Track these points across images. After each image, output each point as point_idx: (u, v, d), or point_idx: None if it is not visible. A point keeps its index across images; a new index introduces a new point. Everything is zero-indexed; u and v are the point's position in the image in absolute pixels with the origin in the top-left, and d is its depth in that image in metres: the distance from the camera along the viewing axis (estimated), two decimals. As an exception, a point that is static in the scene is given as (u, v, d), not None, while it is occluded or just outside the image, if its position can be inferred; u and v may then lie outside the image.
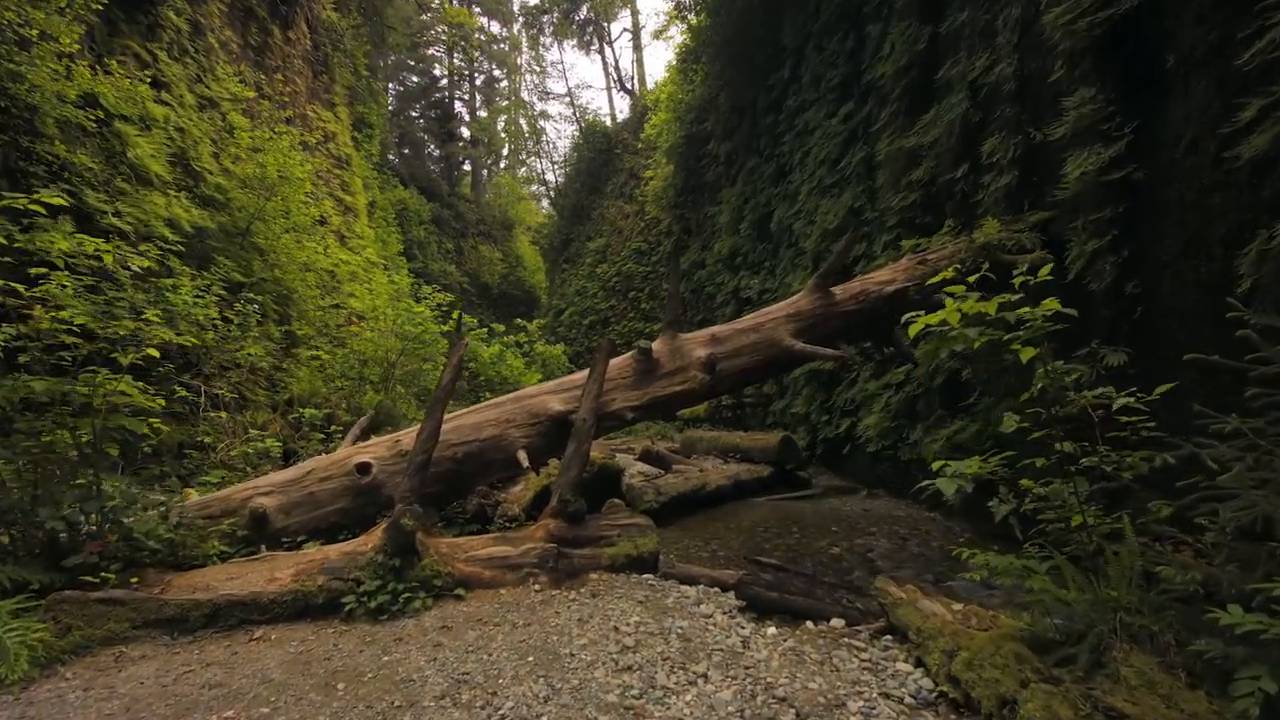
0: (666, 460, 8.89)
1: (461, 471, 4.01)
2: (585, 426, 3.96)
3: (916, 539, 5.63)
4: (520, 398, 4.37)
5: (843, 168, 10.02)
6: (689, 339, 4.61)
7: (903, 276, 4.83)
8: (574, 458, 3.91)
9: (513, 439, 4.11)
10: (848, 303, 4.73)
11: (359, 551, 3.30)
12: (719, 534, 5.97)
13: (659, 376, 4.42)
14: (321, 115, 15.90)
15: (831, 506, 7.25)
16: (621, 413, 4.22)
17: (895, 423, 7.60)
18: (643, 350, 4.33)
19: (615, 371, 4.43)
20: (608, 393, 4.27)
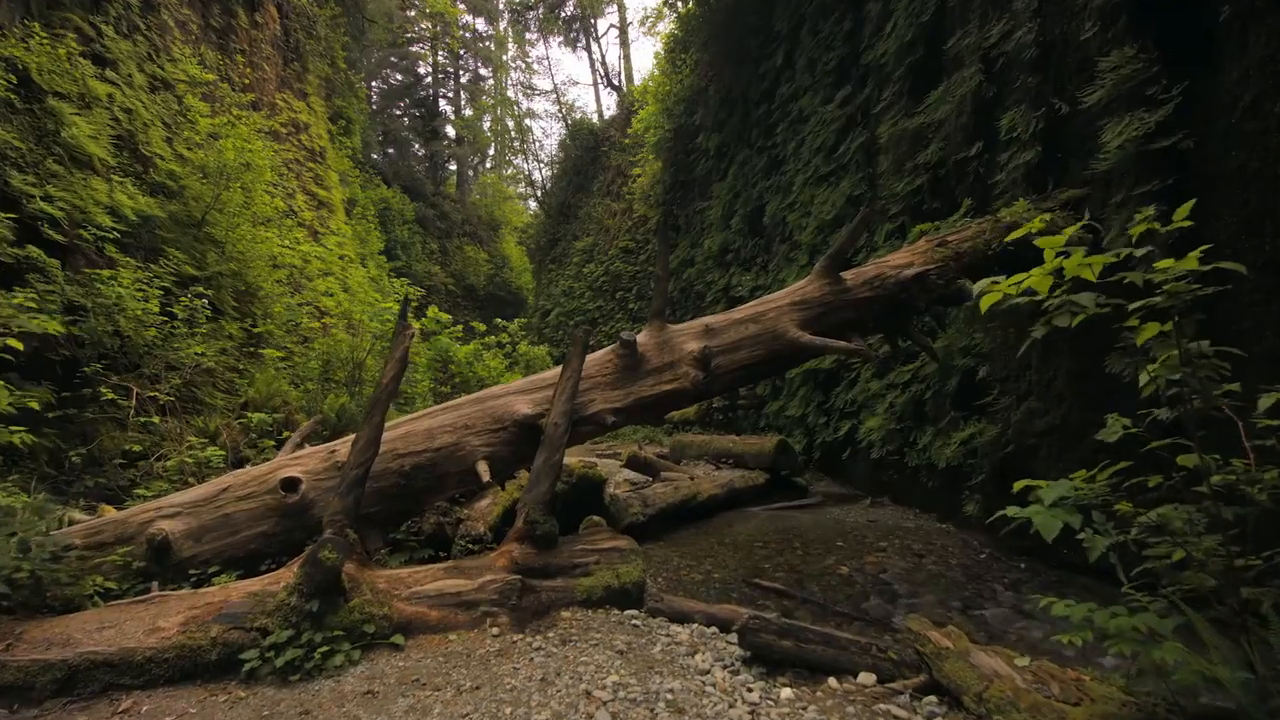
0: (655, 467, 8.27)
1: (410, 487, 3.37)
2: (557, 433, 3.35)
3: (933, 556, 5.04)
4: (481, 399, 3.73)
5: (840, 155, 9.47)
6: (679, 330, 4.01)
7: (921, 260, 4.26)
8: (543, 470, 3.29)
9: (472, 448, 3.47)
10: (860, 289, 4.15)
11: (269, 591, 2.64)
12: (713, 551, 5.35)
13: (645, 374, 3.81)
14: (293, 104, 15.17)
15: (834, 517, 6.66)
16: (601, 416, 3.61)
17: (900, 425, 7.03)
18: (625, 343, 3.73)
19: (593, 368, 3.81)
20: (585, 392, 3.65)
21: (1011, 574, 4.61)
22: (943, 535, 5.73)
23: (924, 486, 6.63)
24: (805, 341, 3.84)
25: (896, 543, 5.44)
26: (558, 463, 3.30)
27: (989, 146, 6.10)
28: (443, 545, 4.16)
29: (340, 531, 2.85)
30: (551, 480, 3.26)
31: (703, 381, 3.73)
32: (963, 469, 5.91)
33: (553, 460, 3.29)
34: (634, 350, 3.79)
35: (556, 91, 58.98)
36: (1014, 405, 5.46)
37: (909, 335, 4.62)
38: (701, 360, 3.71)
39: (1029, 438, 5.21)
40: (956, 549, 5.25)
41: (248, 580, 2.81)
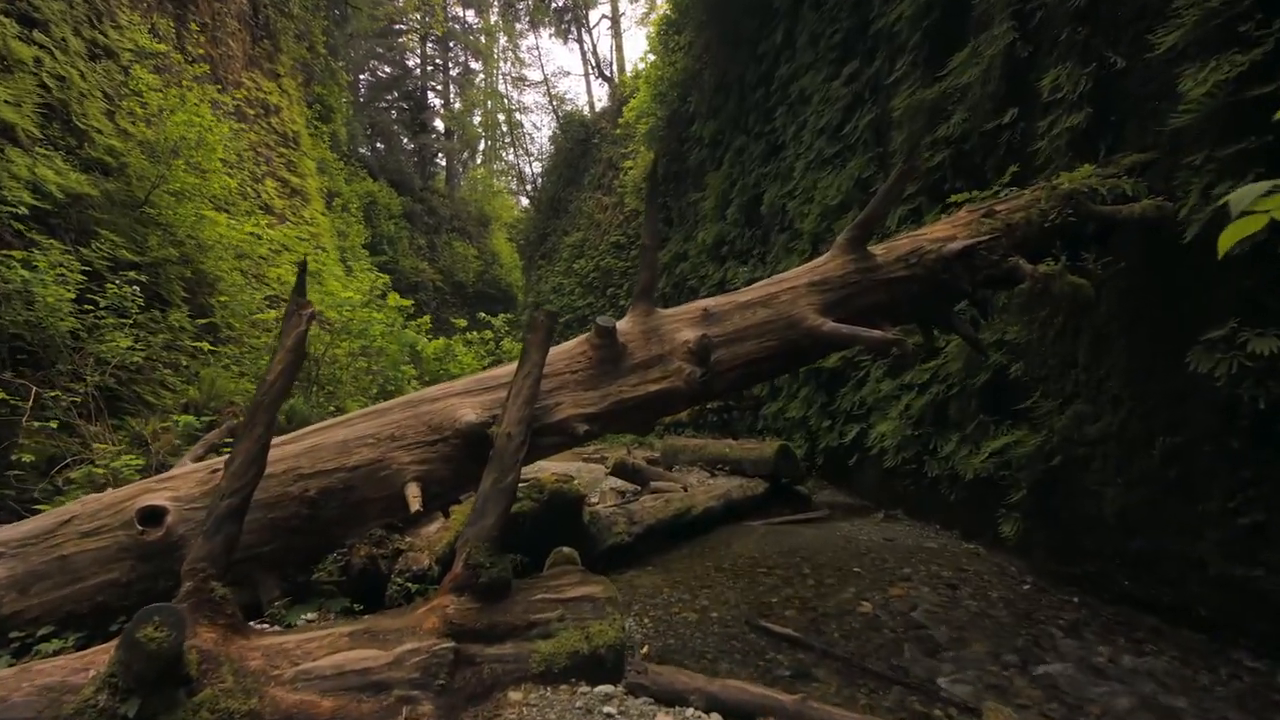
0: (644, 474, 7.50)
1: (317, 519, 2.56)
2: (510, 446, 2.56)
3: (967, 587, 4.28)
4: (414, 402, 2.92)
5: (847, 134, 8.72)
6: (671, 316, 3.21)
7: (965, 233, 3.50)
8: (492, 496, 2.50)
9: (399, 466, 2.67)
10: (893, 267, 3.38)
11: (70, 684, 1.85)
12: (709, 578, 4.58)
13: (627, 370, 3.02)
14: (262, 85, 14.29)
15: (844, 534, 5.90)
16: (569, 424, 2.82)
17: (918, 431, 6.27)
18: (602, 330, 2.93)
19: (561, 363, 3.01)
20: (549, 394, 2.86)
21: (1066, 612, 3.86)
22: (972, 559, 4.98)
23: (945, 500, 5.88)
24: (827, 330, 3.06)
25: (921, 569, 4.68)
26: (511, 486, 2.51)
27: (1025, 113, 5.35)
28: (376, 587, 3.36)
29: (198, 589, 2.06)
30: (503, 509, 2.48)
31: (700, 379, 2.94)
32: (994, 482, 5.16)
33: (505, 483, 2.50)
34: (613, 340, 3.01)
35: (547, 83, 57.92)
36: (1057, 409, 4.71)
37: (950, 325, 3.86)
38: (698, 353, 2.93)
39: (1078, 447, 4.46)
40: (993, 578, 4.49)
41: (46, 662, 2.00)
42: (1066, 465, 4.49)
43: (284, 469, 2.62)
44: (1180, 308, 3.84)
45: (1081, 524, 4.38)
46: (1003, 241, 3.49)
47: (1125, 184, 3.57)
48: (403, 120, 41.70)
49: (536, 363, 2.72)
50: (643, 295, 3.21)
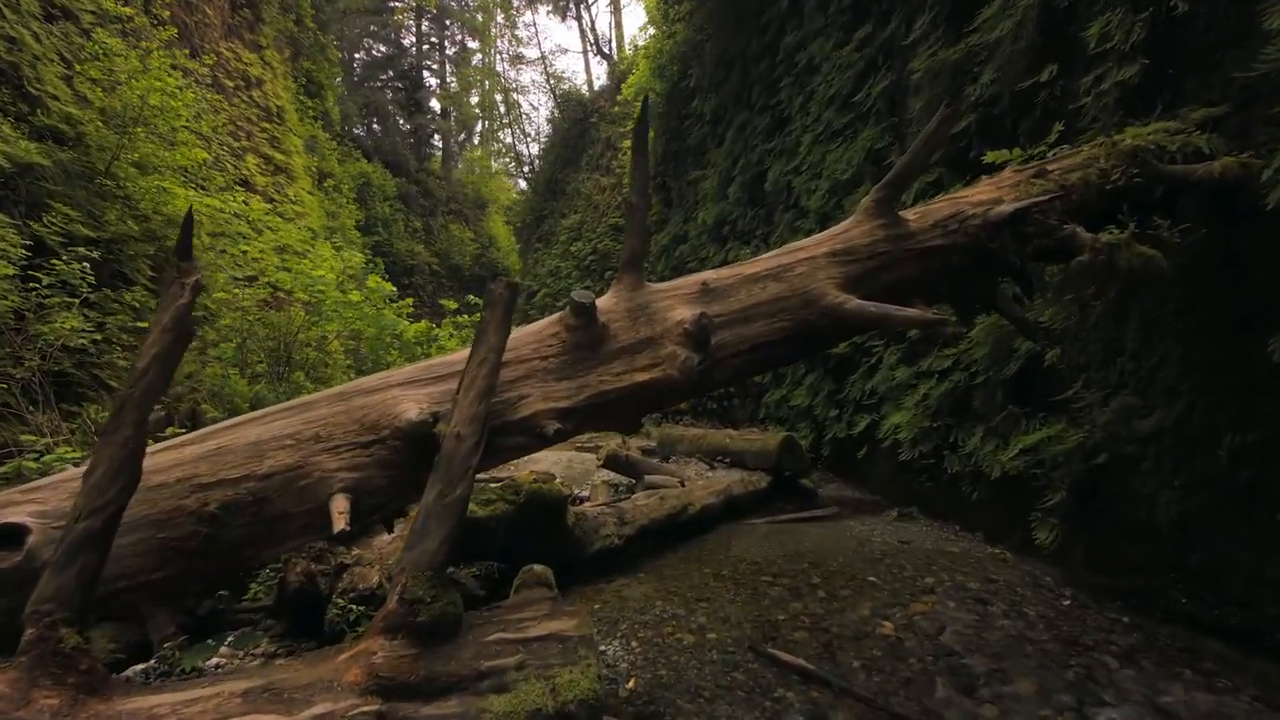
0: (638, 467, 7.01)
1: (219, 538, 2.05)
2: (460, 450, 2.04)
3: (1000, 602, 3.79)
4: (347, 394, 2.41)
5: (858, 103, 8.13)
6: (663, 291, 2.68)
7: (1013, 195, 2.97)
8: (435, 513, 1.99)
9: (325, 473, 2.16)
10: (928, 235, 2.85)
11: None
12: (707, 588, 4.09)
13: (608, 355, 2.50)
14: (242, 56, 13.64)
15: (855, 535, 5.40)
16: (537, 422, 2.31)
17: (936, 423, 5.76)
18: (578, 307, 2.40)
19: (528, 347, 2.50)
20: (511, 384, 2.35)
21: (1117, 635, 3.37)
22: (1000, 566, 4.49)
23: (966, 498, 5.38)
24: (851, 309, 2.54)
25: (945, 578, 4.19)
26: (460, 500, 2.01)
27: (1065, 69, 4.79)
28: (314, 610, 2.86)
29: (42, 639, 1.57)
30: (449, 528, 1.98)
31: (697, 367, 2.42)
32: (1024, 481, 4.66)
33: (452, 496, 1.99)
34: (592, 320, 2.47)
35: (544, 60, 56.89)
36: (1100, 402, 4.19)
37: (994, 305, 3.32)
38: (696, 335, 2.41)
39: (1127, 444, 3.95)
40: (1027, 590, 4.00)
41: None
42: (1112, 465, 3.98)
43: (179, 477, 2.11)
44: (1257, 286, 3.31)
45: (1129, 531, 3.88)
46: (1057, 205, 2.95)
47: (1200, 140, 3.03)
48: (398, 100, 40.96)
49: (494, 346, 2.20)
50: (630, 266, 2.68)
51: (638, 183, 2.69)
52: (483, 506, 3.55)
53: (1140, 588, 3.79)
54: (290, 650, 2.89)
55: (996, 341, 4.97)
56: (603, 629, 3.42)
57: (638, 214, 2.68)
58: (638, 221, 2.68)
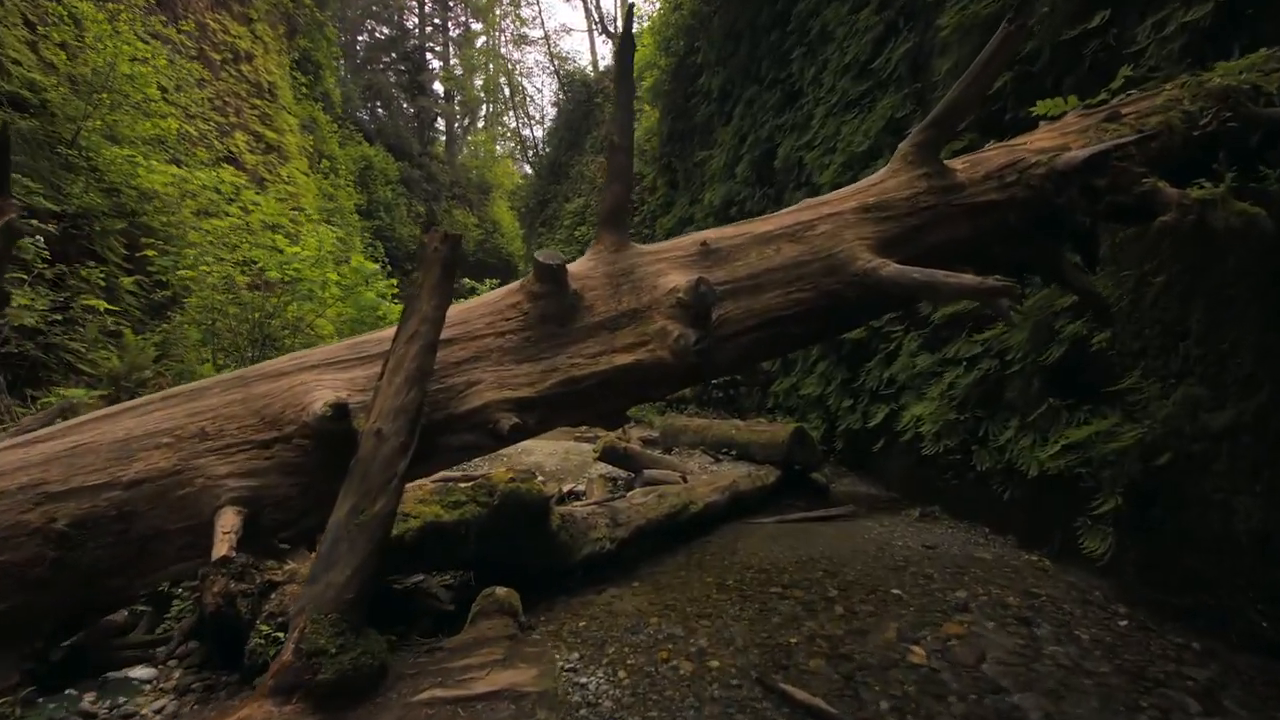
0: (637, 460, 6.53)
1: (71, 564, 1.56)
2: (382, 452, 1.55)
3: (1045, 621, 3.29)
4: (247, 380, 1.91)
5: (876, 70, 7.55)
6: (653, 254, 2.19)
7: (1081, 141, 2.45)
8: (346, 536, 1.51)
9: (211, 480, 1.69)
10: (981, 188, 2.33)
11: None
12: (710, 602, 3.61)
13: (584, 332, 2.00)
14: (230, 29, 13.10)
15: (874, 538, 4.91)
16: (490, 415, 1.82)
17: (964, 415, 5.24)
18: (544, 271, 1.89)
19: (481, 321, 1.99)
20: (458, 367, 1.85)
21: (1189, 666, 2.87)
22: (1040, 577, 3.99)
23: (996, 498, 4.87)
24: (888, 276, 2.02)
25: (979, 592, 3.69)
26: (380, 519, 1.52)
27: (1119, 16, 4.22)
28: (235, 637, 2.39)
29: None
30: (364, 555, 1.50)
31: (694, 347, 1.90)
32: (1066, 481, 4.15)
33: (370, 513, 1.51)
34: (560, 286, 1.96)
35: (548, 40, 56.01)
36: (1160, 392, 3.66)
37: (1059, 275, 2.77)
38: (693, 307, 1.90)
39: (1194, 442, 3.43)
40: (1075, 607, 3.50)
41: None
42: (1176, 465, 3.46)
43: (22, 484, 1.63)
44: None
45: (1198, 542, 3.37)
46: (1134, 155, 2.42)
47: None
48: (401, 83, 40.46)
49: (429, 318, 1.71)
50: (610, 221, 2.17)
51: (620, 115, 2.17)
52: (449, 510, 3.09)
53: (1211, 608, 3.28)
54: (209, 685, 2.42)
55: (1036, 324, 4.44)
56: (586, 654, 2.94)
57: (619, 154, 2.16)
58: (620, 164, 2.16)
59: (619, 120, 2.17)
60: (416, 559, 3.15)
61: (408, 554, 2.98)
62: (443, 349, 1.87)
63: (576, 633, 3.18)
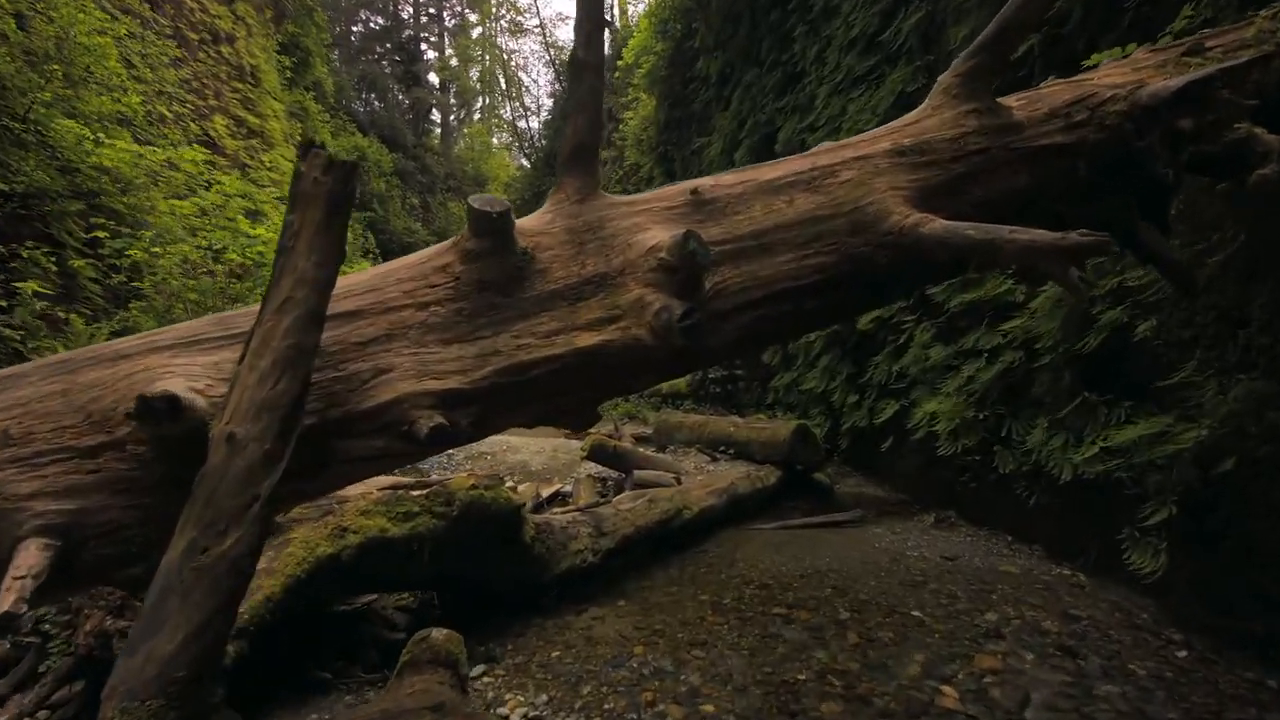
0: (628, 459, 6.07)
1: None
2: (238, 464, 1.10)
3: (1092, 652, 2.84)
4: (73, 363, 1.44)
5: (885, 43, 7.08)
6: (628, 204, 1.72)
7: (1159, 76, 2.00)
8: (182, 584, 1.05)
9: (9, 501, 1.29)
10: (1043, 128, 1.87)
11: None
12: (704, 626, 3.16)
13: (535, 303, 1.52)
14: (209, 8, 12.57)
15: (886, 547, 4.47)
16: (405, 411, 1.35)
17: (984, 412, 4.79)
18: (481, 220, 1.42)
19: (395, 289, 1.52)
20: (364, 348, 1.39)
21: (1270, 709, 2.42)
22: (1077, 595, 3.54)
23: (1020, 503, 4.43)
24: (933, 234, 1.54)
25: (1011, 613, 3.24)
26: (234, 560, 1.05)
27: (1165, -37, 3.75)
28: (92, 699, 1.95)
29: None
30: (212, 610, 1.04)
31: (679, 323, 1.43)
32: (1102, 486, 3.71)
33: (217, 550, 1.03)
34: (504, 242, 1.48)
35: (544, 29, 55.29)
36: (1219, 388, 3.21)
37: (1132, 241, 2.30)
38: (680, 270, 1.43)
39: (1261, 444, 2.98)
40: (1123, 633, 3.05)
41: None
42: (1243, 470, 3.01)
43: None
44: None
45: (1265, 559, 2.92)
46: (1221, 91, 1.96)
47: None
48: (395, 74, 39.93)
49: (312, 279, 1.25)
50: (575, 163, 1.70)
51: (587, 22, 1.69)
52: (398, 522, 2.63)
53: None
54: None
55: (1070, 313, 3.99)
56: (557, 696, 2.49)
57: (587, 74, 1.69)
58: (587, 88, 1.68)
59: (584, 30, 1.69)
60: (357, 581, 2.69)
61: (346, 576, 2.53)
62: (343, 325, 1.43)
63: (548, 666, 2.73)
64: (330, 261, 1.29)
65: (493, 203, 1.56)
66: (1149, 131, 1.89)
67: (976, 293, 4.94)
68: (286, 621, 2.32)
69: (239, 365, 1.25)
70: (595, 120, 1.70)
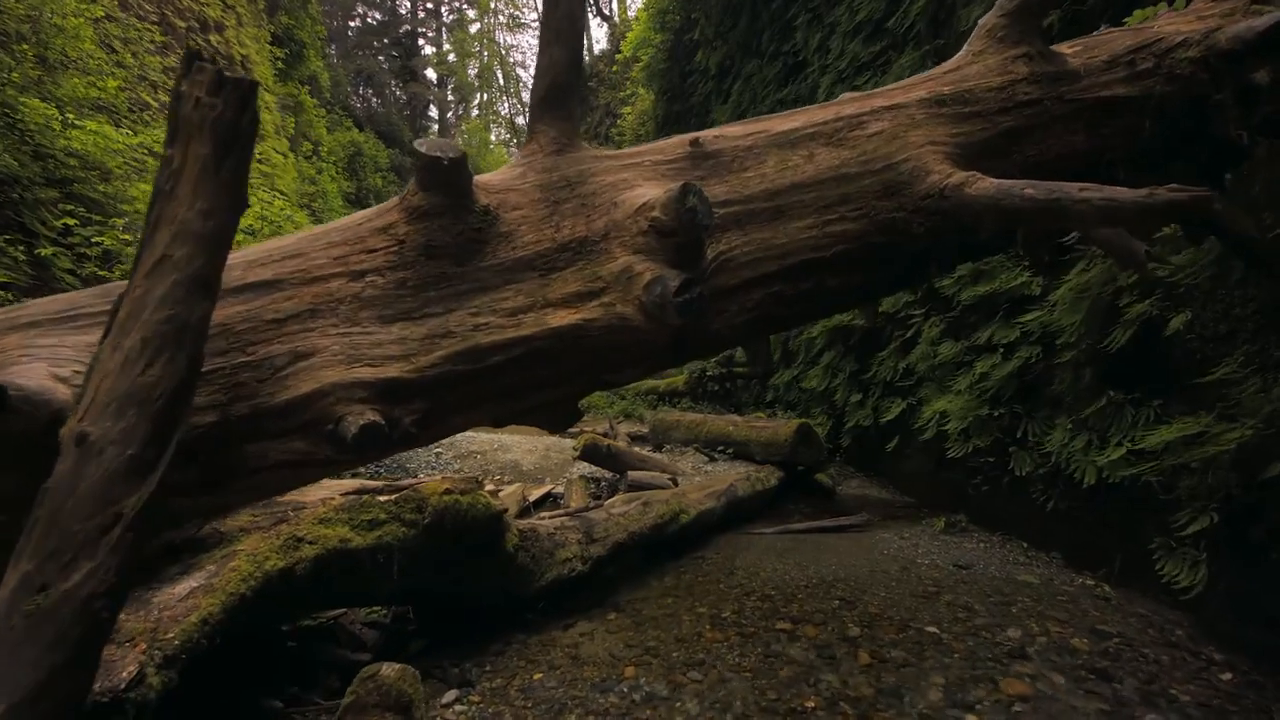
0: (622, 460, 5.81)
1: None
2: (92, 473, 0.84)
3: (1129, 674, 2.59)
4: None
5: (891, 29, 6.83)
6: (616, 158, 1.45)
7: (1232, 20, 1.75)
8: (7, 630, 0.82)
9: None
10: (1103, 77, 1.60)
11: None
12: (702, 643, 2.90)
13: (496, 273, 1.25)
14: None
15: (894, 553, 4.21)
16: (329, 407, 1.10)
17: (998, 411, 4.54)
18: (432, 170, 1.17)
19: (324, 254, 1.25)
20: (283, 325, 1.14)
21: (1335, 744, 2.17)
22: (1104, 608, 3.28)
23: (1037, 508, 4.17)
24: (980, 195, 1.27)
25: (1035, 628, 2.99)
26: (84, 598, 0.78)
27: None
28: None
29: None
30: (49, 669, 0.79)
31: (677, 298, 1.17)
32: (1128, 490, 3.45)
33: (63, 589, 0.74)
34: (459, 197, 1.19)
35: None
36: (1260, 385, 2.96)
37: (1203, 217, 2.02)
38: (676, 233, 1.17)
39: (1312, 447, 2.72)
40: (1157, 651, 2.80)
41: None
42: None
43: None
44: None
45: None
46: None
47: None
48: (392, 69, 39.66)
49: (197, 233, 0.95)
50: (550, 107, 1.42)
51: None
52: (362, 531, 2.37)
53: (1341, 658, 2.59)
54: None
55: (1094, 304, 3.73)
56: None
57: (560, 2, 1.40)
58: (563, 16, 1.39)
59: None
60: (316, 598, 2.43)
61: (301, 592, 2.26)
62: (255, 298, 1.16)
63: (529, 691, 2.47)
64: (221, 211, 1.02)
65: (445, 147, 1.28)
66: (1227, 83, 1.62)
67: (990, 285, 4.68)
68: (230, 645, 2.05)
69: (101, 344, 0.98)
70: (574, 54, 1.42)
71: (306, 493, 2.65)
